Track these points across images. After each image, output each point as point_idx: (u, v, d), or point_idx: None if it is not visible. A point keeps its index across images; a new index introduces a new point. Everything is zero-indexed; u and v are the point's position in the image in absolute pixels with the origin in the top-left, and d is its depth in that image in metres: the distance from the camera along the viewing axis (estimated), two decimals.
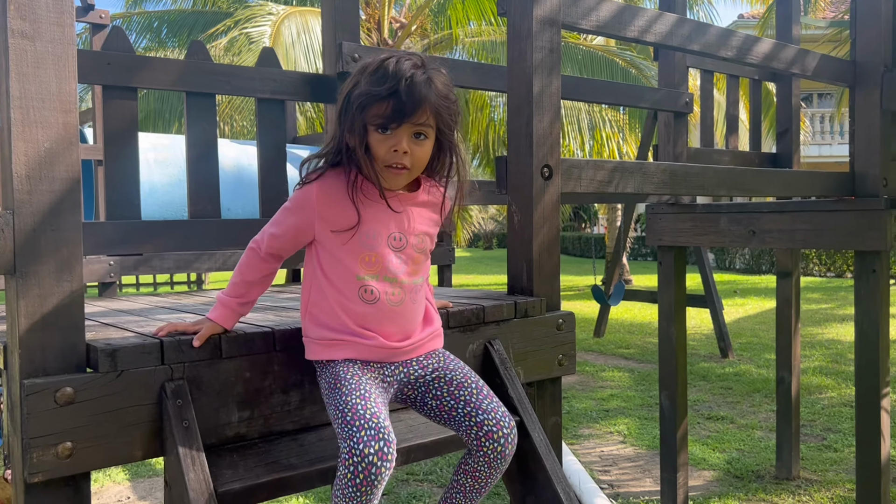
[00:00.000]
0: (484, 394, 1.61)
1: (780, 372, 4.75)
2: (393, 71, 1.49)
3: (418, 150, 1.55)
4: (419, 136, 1.54)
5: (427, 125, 1.54)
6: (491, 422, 1.55)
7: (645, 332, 10.68)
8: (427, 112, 1.53)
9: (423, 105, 1.51)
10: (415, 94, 1.49)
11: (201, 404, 1.48)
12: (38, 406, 1.30)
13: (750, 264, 20.19)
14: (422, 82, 1.50)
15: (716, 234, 3.80)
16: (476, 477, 1.57)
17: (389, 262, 1.59)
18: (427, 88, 1.51)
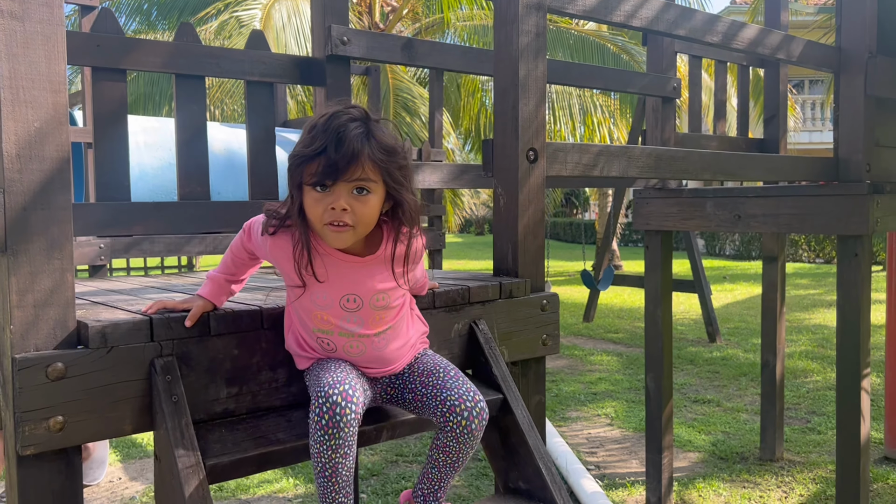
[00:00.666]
0: (451, 375, 1.65)
1: (765, 355, 4.81)
2: (325, 126, 1.44)
3: (360, 207, 1.47)
4: (361, 192, 1.47)
5: (368, 179, 1.47)
6: (454, 397, 1.59)
7: (634, 316, 10.76)
8: (363, 167, 1.45)
9: (358, 159, 1.44)
10: (348, 149, 1.42)
11: (190, 380, 1.51)
12: (30, 381, 1.33)
13: (740, 250, 20.31)
14: (356, 136, 1.44)
15: (702, 219, 3.84)
16: (447, 452, 1.61)
17: (343, 322, 1.59)
18: (362, 142, 1.44)
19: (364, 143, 1.44)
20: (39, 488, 1.38)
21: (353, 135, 1.43)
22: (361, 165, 1.44)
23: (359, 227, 1.50)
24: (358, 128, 1.45)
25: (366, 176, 1.46)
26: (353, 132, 1.44)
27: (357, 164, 1.44)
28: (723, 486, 4.41)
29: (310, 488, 4.55)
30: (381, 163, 1.46)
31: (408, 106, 10.63)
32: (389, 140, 1.50)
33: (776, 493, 4.30)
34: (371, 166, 1.45)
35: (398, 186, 1.50)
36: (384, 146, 1.48)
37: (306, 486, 4.58)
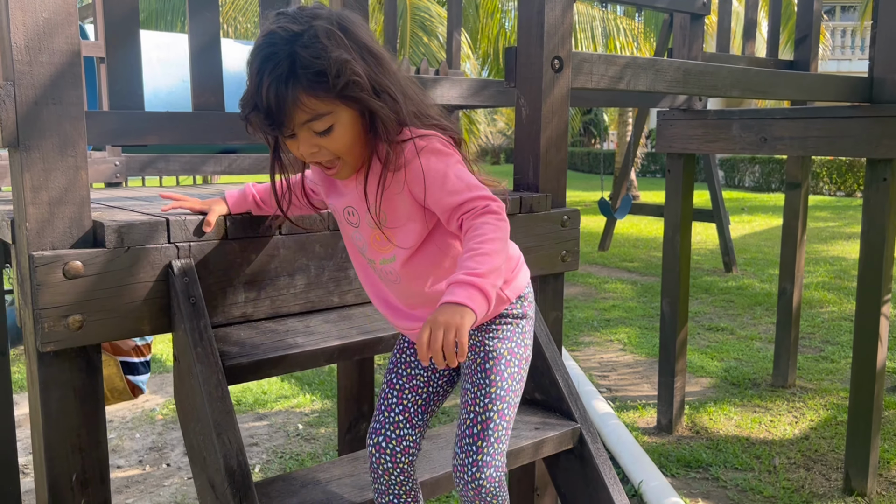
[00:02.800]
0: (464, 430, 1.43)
1: (783, 283, 4.78)
2: (249, 70, 1.23)
3: (329, 143, 1.26)
4: (321, 133, 1.24)
5: (317, 116, 1.22)
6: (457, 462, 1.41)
7: (650, 246, 10.71)
8: (303, 109, 1.21)
9: (292, 107, 1.20)
10: (272, 101, 1.20)
11: (208, 283, 1.50)
12: (48, 278, 1.32)
13: (759, 182, 20.04)
14: (275, 82, 1.18)
15: (726, 141, 3.74)
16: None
17: (353, 241, 1.45)
18: (285, 86, 1.18)
19: (286, 85, 1.18)
20: (60, 386, 1.39)
21: (272, 81, 1.18)
22: (300, 108, 1.21)
23: (346, 157, 1.30)
24: (277, 66, 1.18)
25: (312, 115, 1.22)
26: (272, 76, 1.18)
27: (294, 112, 1.21)
28: (734, 410, 4.45)
29: (326, 404, 4.64)
30: (322, 92, 1.20)
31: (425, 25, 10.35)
32: (320, 59, 1.19)
33: (787, 417, 4.34)
34: (313, 100, 1.21)
35: (359, 102, 1.24)
36: (317, 71, 1.19)
37: (322, 403, 4.67)
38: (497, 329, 1.46)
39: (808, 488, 3.48)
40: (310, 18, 1.23)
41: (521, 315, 1.49)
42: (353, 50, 1.23)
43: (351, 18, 1.28)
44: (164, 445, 4.07)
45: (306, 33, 1.20)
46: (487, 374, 1.43)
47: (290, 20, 1.22)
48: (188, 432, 1.45)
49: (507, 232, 1.29)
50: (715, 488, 3.51)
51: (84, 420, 1.42)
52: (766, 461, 3.76)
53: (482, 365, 1.44)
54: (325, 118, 1.23)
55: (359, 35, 1.26)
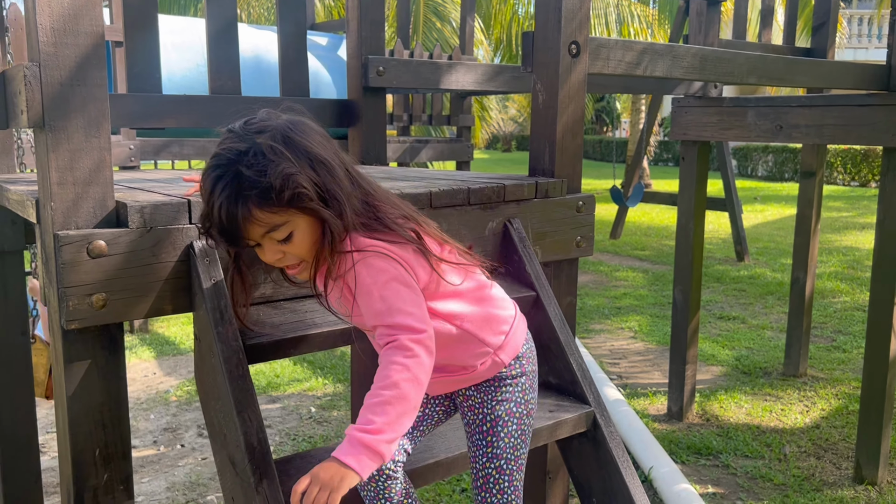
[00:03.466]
0: (473, 481, 1.49)
1: (796, 272, 4.77)
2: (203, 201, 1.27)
3: (291, 248, 1.29)
4: (282, 241, 1.27)
5: (273, 227, 1.25)
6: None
7: (662, 234, 10.69)
8: (258, 223, 1.24)
9: (247, 223, 1.23)
10: (229, 222, 1.23)
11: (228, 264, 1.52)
12: (72, 257, 1.34)
13: (773, 171, 19.91)
14: (225, 204, 1.21)
15: (742, 129, 3.73)
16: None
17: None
18: (235, 206, 1.21)
19: (236, 204, 1.21)
20: (84, 363, 1.42)
21: (223, 202, 1.21)
22: (255, 223, 1.23)
23: (308, 259, 1.31)
24: (225, 187, 1.21)
25: (269, 227, 1.25)
26: (221, 197, 1.21)
27: (251, 226, 1.24)
28: (744, 398, 4.46)
29: (338, 388, 4.68)
30: (274, 205, 1.22)
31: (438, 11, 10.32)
32: (265, 177, 1.21)
33: (798, 406, 4.34)
34: (265, 214, 1.23)
35: (309, 211, 1.25)
36: (263, 191, 1.21)
37: (334, 386, 4.71)
38: (496, 391, 1.48)
39: (819, 476, 3.49)
40: (254, 134, 1.25)
41: (518, 374, 1.50)
42: (297, 161, 1.24)
43: (298, 127, 1.29)
44: (179, 426, 4.13)
45: (251, 151, 1.22)
46: (485, 436, 1.47)
47: (235, 139, 1.25)
48: (208, 410, 1.48)
49: (420, 369, 1.24)
50: (725, 475, 3.53)
51: (107, 397, 1.45)
52: (777, 449, 3.77)
53: (480, 427, 1.48)
54: (281, 228, 1.26)
55: (304, 144, 1.26)
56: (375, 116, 2.82)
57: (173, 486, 3.46)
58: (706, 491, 3.37)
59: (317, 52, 6.30)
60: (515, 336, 1.50)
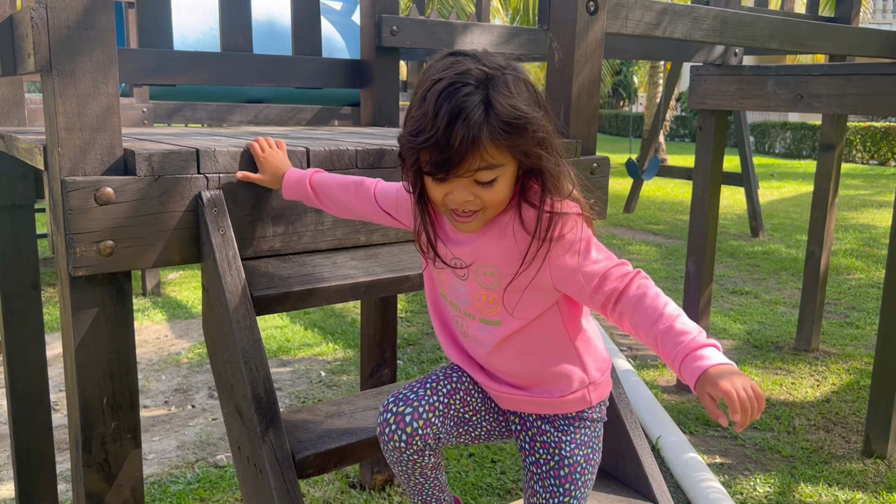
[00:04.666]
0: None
1: (811, 246, 4.71)
2: (435, 107, 1.13)
3: (487, 195, 1.19)
4: (484, 183, 1.18)
5: (492, 166, 1.16)
6: None
7: (676, 209, 10.60)
8: (482, 155, 1.14)
9: (474, 152, 1.13)
10: (459, 143, 1.12)
11: (237, 215, 1.51)
12: (80, 203, 1.34)
13: (790, 148, 19.68)
14: (471, 123, 1.11)
15: (761, 98, 3.66)
16: None
17: (454, 290, 1.35)
18: (477, 129, 1.12)
19: (481, 127, 1.12)
20: (92, 311, 1.42)
21: (470, 119, 1.11)
22: (481, 155, 1.14)
23: (488, 211, 1.23)
24: (476, 106, 1.12)
25: (487, 164, 1.16)
26: (470, 115, 1.11)
27: (475, 156, 1.14)
28: (755, 371, 4.43)
29: (348, 353, 4.70)
30: (508, 143, 1.15)
31: None
32: (517, 110, 1.14)
33: (809, 380, 4.32)
34: (495, 150, 1.15)
35: (534, 160, 1.19)
36: (510, 122, 1.13)
37: (345, 351, 4.73)
38: (576, 431, 1.38)
39: (828, 449, 3.48)
40: (497, 64, 1.17)
41: (598, 419, 1.42)
42: (539, 105, 1.19)
43: (526, 73, 1.22)
44: (190, 388, 4.16)
45: (499, 78, 1.15)
46: (562, 483, 1.37)
47: (475, 62, 1.16)
48: (216, 361, 1.48)
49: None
50: (733, 446, 3.52)
51: (115, 346, 1.45)
52: (786, 422, 3.75)
53: (556, 471, 1.37)
54: (496, 169, 1.17)
55: (537, 91, 1.21)
56: (388, 77, 2.79)
57: (183, 445, 3.50)
58: (714, 461, 3.37)
59: (331, 16, 6.23)
60: (608, 381, 1.42)
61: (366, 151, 1.66)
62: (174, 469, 3.26)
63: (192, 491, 3.05)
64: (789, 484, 3.15)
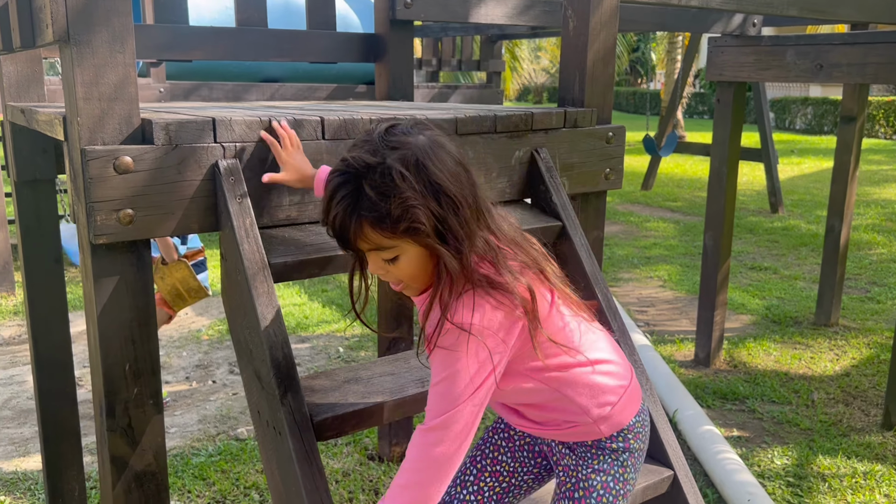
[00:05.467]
0: None
1: (831, 220, 4.66)
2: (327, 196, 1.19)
3: (395, 270, 1.23)
4: (388, 260, 1.21)
5: (379, 248, 1.19)
6: None
7: (695, 186, 10.52)
8: (366, 240, 1.18)
9: (353, 237, 1.18)
10: (338, 231, 1.19)
11: (253, 184, 1.52)
12: (99, 172, 1.35)
13: (811, 124, 19.41)
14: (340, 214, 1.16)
15: (780, 69, 3.61)
16: None
17: None
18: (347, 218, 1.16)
19: (350, 217, 1.16)
20: (113, 279, 1.44)
21: (339, 210, 1.16)
22: (362, 240, 1.18)
23: (409, 284, 1.26)
24: (344, 198, 1.16)
25: (374, 246, 1.19)
26: (339, 206, 1.16)
27: (357, 240, 1.19)
28: (773, 346, 4.42)
29: (366, 330, 4.73)
30: (386, 230, 1.16)
31: None
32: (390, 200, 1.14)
33: (828, 355, 4.29)
34: (375, 236, 1.17)
35: (419, 244, 1.19)
36: (379, 211, 1.14)
37: (362, 328, 4.77)
38: (593, 458, 1.38)
39: (847, 422, 3.47)
40: (389, 150, 1.17)
41: (621, 449, 1.38)
42: (423, 192, 1.16)
43: (435, 152, 1.19)
44: (210, 364, 4.22)
45: (378, 168, 1.15)
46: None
47: (368, 149, 1.18)
48: (235, 328, 1.50)
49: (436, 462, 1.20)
50: (751, 420, 3.52)
51: (136, 313, 1.47)
52: (805, 396, 3.74)
53: (571, 492, 1.38)
54: (389, 250, 1.20)
55: (436, 174, 1.17)
56: (403, 51, 2.78)
57: (205, 419, 3.55)
58: (731, 434, 3.37)
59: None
60: (623, 410, 1.37)
61: (380, 120, 1.67)
62: (196, 442, 3.31)
63: (213, 463, 3.10)
64: (807, 456, 3.15)
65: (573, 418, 1.35)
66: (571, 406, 1.33)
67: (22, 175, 2.22)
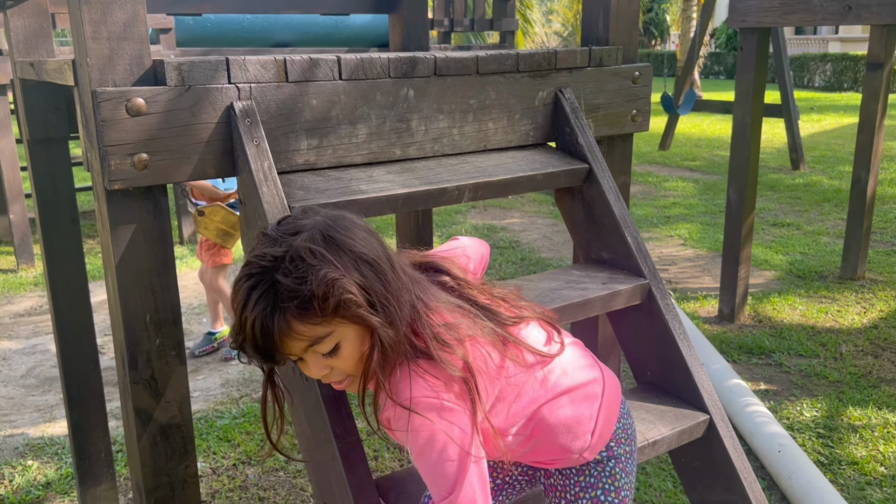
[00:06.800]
0: None
1: (857, 171, 4.55)
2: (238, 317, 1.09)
3: (339, 362, 1.12)
4: (328, 354, 1.11)
5: (315, 340, 1.08)
6: None
7: (713, 145, 10.35)
8: (299, 336, 1.07)
9: (282, 340, 1.07)
10: (261, 340, 1.07)
11: (270, 127, 1.47)
12: (111, 115, 1.31)
13: (830, 81, 19.03)
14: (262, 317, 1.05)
15: (806, 12, 3.49)
16: None
17: None
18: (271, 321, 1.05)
19: (272, 318, 1.05)
20: (130, 227, 1.40)
21: (257, 316, 1.05)
22: (293, 339, 1.07)
23: (356, 374, 1.15)
24: (259, 299, 1.06)
25: (311, 341, 1.08)
26: (255, 311, 1.05)
27: (288, 343, 1.08)
28: (799, 300, 4.34)
29: None
30: (316, 316, 1.06)
31: None
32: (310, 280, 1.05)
33: (855, 308, 4.22)
34: (307, 328, 1.07)
35: (354, 322, 1.09)
36: (305, 298, 1.04)
37: None
38: (579, 474, 1.34)
39: (876, 374, 3.41)
40: (290, 236, 1.09)
41: (606, 458, 1.34)
42: (341, 262, 1.08)
43: (338, 223, 1.13)
44: None
45: (287, 255, 1.07)
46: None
47: (269, 243, 1.10)
48: None
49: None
50: (778, 373, 3.47)
51: (155, 261, 1.44)
52: (832, 348, 3.68)
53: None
54: (326, 340, 1.09)
55: (347, 242, 1.10)
56: (416, 0, 2.70)
57: (227, 383, 3.55)
58: (758, 388, 3.32)
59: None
60: (603, 428, 1.32)
61: (398, 59, 1.60)
62: (219, 405, 3.31)
63: (237, 425, 3.10)
64: (837, 408, 3.10)
65: (556, 456, 1.31)
66: (551, 448, 1.29)
67: (34, 133, 2.18)
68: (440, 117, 1.69)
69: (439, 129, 1.69)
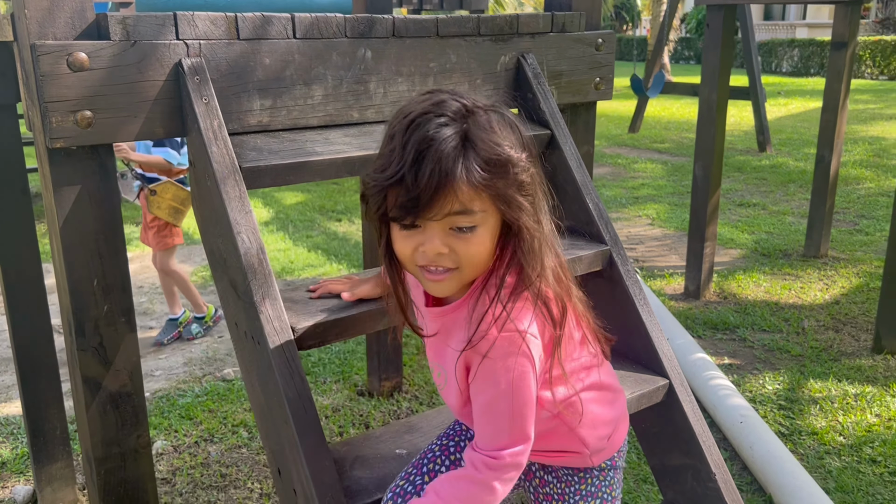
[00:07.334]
0: None
1: (821, 150, 4.60)
2: (404, 138, 0.98)
3: (464, 247, 1.03)
4: (462, 230, 1.02)
5: (468, 212, 1.00)
6: None
7: (682, 128, 10.41)
8: (458, 196, 0.98)
9: (448, 188, 0.97)
10: (432, 176, 0.96)
11: (221, 86, 1.43)
12: (51, 69, 1.26)
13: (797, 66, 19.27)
14: (446, 154, 0.96)
15: None
16: None
17: (444, 396, 1.23)
18: (451, 163, 0.96)
19: (455, 161, 0.97)
20: (74, 188, 1.35)
21: (442, 152, 0.96)
22: (455, 195, 0.98)
23: (465, 270, 1.06)
24: (451, 138, 0.97)
25: (462, 208, 0.99)
26: (443, 147, 0.96)
27: (448, 196, 0.98)
28: (763, 277, 4.39)
29: (352, 272, 4.66)
30: (487, 184, 0.99)
31: None
32: (499, 146, 1.00)
33: (818, 284, 4.27)
34: (471, 192, 0.99)
35: (513, 211, 1.03)
36: (490, 159, 0.99)
37: (349, 271, 4.70)
38: (580, 482, 1.30)
39: (837, 348, 3.45)
40: (481, 103, 1.05)
41: (609, 467, 1.32)
42: (524, 148, 1.04)
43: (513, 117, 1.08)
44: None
45: (480, 115, 1.01)
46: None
47: (454, 98, 1.03)
48: (208, 238, 1.42)
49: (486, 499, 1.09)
50: (741, 348, 3.50)
51: (101, 224, 1.39)
52: (795, 324, 3.72)
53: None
54: (473, 217, 1.01)
55: (524, 136, 1.06)
56: None
57: (190, 362, 3.49)
58: (722, 362, 3.35)
59: None
60: (616, 437, 1.30)
61: (355, 19, 1.56)
62: (181, 384, 3.26)
63: (200, 403, 3.05)
64: (798, 381, 3.14)
65: (568, 448, 1.26)
66: (570, 436, 1.23)
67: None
68: (399, 80, 1.66)
69: (398, 92, 1.66)
